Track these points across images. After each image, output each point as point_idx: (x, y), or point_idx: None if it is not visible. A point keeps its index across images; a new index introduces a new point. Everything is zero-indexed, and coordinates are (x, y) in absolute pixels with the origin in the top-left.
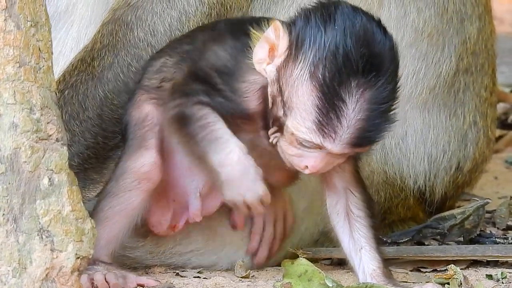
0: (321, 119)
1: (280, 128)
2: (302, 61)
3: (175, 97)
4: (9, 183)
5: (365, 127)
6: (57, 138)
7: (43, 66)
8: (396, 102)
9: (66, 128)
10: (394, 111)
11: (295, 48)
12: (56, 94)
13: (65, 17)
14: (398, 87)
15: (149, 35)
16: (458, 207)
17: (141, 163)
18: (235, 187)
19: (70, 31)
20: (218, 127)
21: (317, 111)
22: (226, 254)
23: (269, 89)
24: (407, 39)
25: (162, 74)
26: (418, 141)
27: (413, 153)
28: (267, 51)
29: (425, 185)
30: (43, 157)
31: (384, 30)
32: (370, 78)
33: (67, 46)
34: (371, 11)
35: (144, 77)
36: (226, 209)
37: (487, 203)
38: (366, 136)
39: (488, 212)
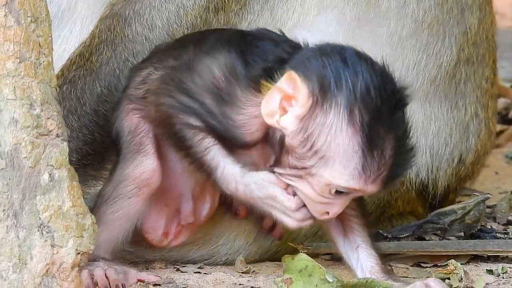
0: (364, 163)
1: (298, 176)
2: (334, 107)
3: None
4: (9, 179)
5: (397, 163)
6: (57, 134)
7: (43, 62)
8: (413, 135)
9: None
10: (414, 143)
11: (321, 95)
12: (57, 89)
13: (68, 15)
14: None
15: (147, 29)
16: (459, 202)
17: (141, 170)
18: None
19: (73, 29)
20: (216, 155)
21: (360, 155)
22: (226, 243)
23: (288, 140)
24: (407, 30)
25: (147, 86)
26: (420, 133)
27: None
28: (279, 102)
29: (427, 178)
30: (43, 153)
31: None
32: (399, 113)
33: (70, 44)
34: (371, 1)
35: (130, 85)
36: (226, 200)
37: (488, 198)
38: (399, 171)
39: (488, 207)
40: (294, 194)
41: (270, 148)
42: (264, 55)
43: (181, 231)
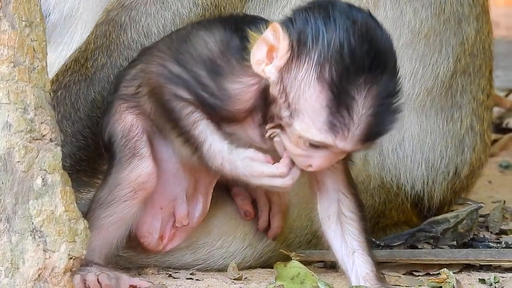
0: (332, 119)
1: (280, 126)
2: (307, 62)
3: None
4: (2, 183)
5: (375, 122)
6: (50, 138)
7: (37, 66)
8: (400, 95)
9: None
10: (399, 103)
11: (297, 49)
12: (50, 94)
13: (70, 21)
14: (400, 81)
15: (143, 36)
16: (452, 210)
17: (137, 174)
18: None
19: (74, 35)
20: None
21: (328, 111)
22: (221, 247)
23: (271, 89)
24: (404, 40)
25: (138, 80)
26: (415, 146)
27: (410, 159)
28: (266, 52)
29: (423, 191)
30: (36, 157)
31: (381, 25)
32: (377, 74)
33: (72, 50)
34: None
35: (121, 86)
36: (218, 202)
37: (481, 207)
38: (376, 131)
39: (481, 216)
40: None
41: (257, 120)
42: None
43: (176, 234)
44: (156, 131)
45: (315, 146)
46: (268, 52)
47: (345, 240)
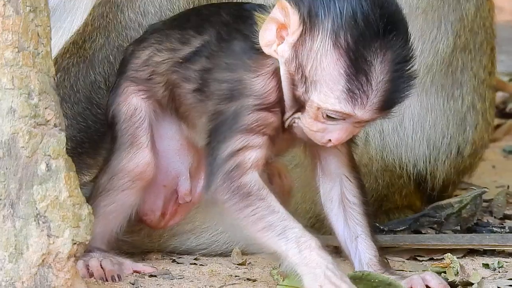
0: (350, 86)
1: (301, 107)
2: (321, 32)
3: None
4: (6, 168)
5: (391, 88)
6: (55, 124)
7: (41, 51)
8: (414, 61)
9: None
10: (414, 70)
11: (310, 21)
12: (55, 79)
13: (69, 7)
14: (412, 47)
15: (140, 16)
16: (456, 195)
17: (135, 164)
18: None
19: (74, 19)
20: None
21: (346, 78)
22: (224, 232)
23: (283, 69)
24: None
25: (151, 68)
26: (416, 125)
27: (411, 138)
28: (275, 32)
29: (426, 169)
30: (40, 143)
31: None
32: (391, 38)
33: (71, 34)
34: None
35: (130, 67)
36: None
37: (485, 192)
38: (393, 97)
39: (485, 201)
40: None
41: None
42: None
43: (177, 210)
44: (160, 111)
45: (333, 118)
46: (278, 31)
47: (348, 224)
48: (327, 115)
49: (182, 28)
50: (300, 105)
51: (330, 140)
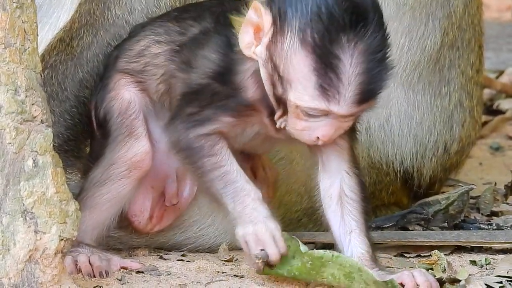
0: (321, 82)
1: (284, 108)
2: (289, 31)
3: (176, 122)
4: None
5: (366, 80)
6: (41, 120)
7: (28, 48)
8: (389, 48)
9: None
10: (389, 58)
11: (280, 21)
12: (41, 75)
13: (55, 2)
14: (387, 34)
15: (126, 13)
16: (443, 192)
17: (133, 153)
18: (252, 241)
19: (60, 16)
20: (232, 169)
21: (316, 75)
22: (213, 224)
23: (262, 71)
24: (389, 13)
25: (145, 59)
26: (403, 122)
27: (398, 135)
28: (253, 33)
29: (412, 166)
30: (27, 139)
31: None
32: (359, 29)
33: (58, 30)
34: None
35: (121, 60)
36: None
37: (472, 189)
38: (369, 90)
39: (472, 198)
40: None
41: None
42: None
43: (164, 214)
44: (151, 111)
45: (313, 115)
46: (255, 33)
47: (344, 219)
48: (306, 113)
49: (180, 19)
50: (284, 106)
51: (318, 138)
